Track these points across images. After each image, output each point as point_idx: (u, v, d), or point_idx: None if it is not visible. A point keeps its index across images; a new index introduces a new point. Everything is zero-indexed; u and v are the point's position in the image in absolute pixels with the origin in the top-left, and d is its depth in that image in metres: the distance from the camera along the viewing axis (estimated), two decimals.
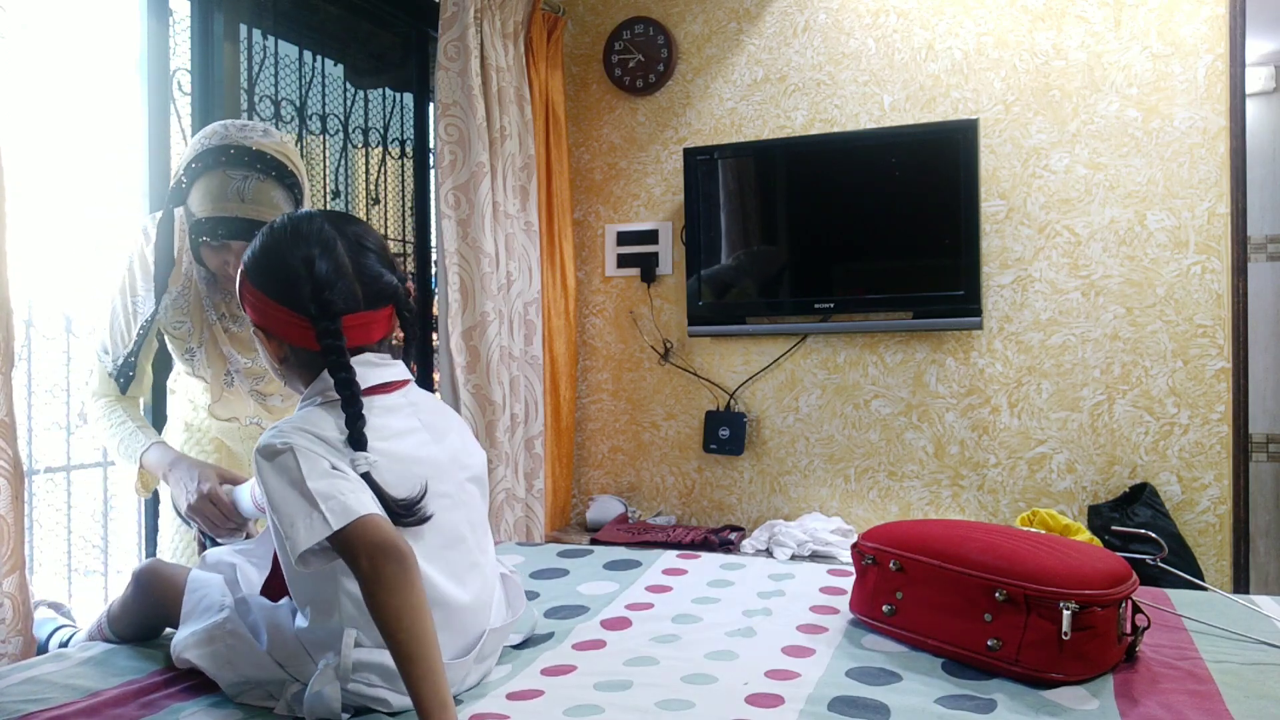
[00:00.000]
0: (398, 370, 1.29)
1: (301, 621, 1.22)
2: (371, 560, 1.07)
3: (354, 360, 1.20)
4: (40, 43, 2.25)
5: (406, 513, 1.17)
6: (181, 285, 1.78)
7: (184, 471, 1.64)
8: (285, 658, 1.22)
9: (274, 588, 1.34)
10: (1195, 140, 2.73)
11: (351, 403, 1.17)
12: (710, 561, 1.91)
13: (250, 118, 2.53)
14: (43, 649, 1.63)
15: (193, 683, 1.28)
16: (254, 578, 1.38)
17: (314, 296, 1.18)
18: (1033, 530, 1.56)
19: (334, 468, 1.14)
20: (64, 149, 2.34)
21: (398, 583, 1.07)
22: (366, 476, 1.15)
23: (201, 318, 1.79)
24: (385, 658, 1.13)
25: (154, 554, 2.06)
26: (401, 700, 1.17)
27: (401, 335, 1.32)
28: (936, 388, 2.99)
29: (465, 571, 1.26)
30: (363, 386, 1.20)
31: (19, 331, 2.27)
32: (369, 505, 1.12)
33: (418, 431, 1.26)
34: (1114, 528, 2.57)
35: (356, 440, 1.15)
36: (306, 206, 1.74)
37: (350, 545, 1.09)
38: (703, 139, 3.27)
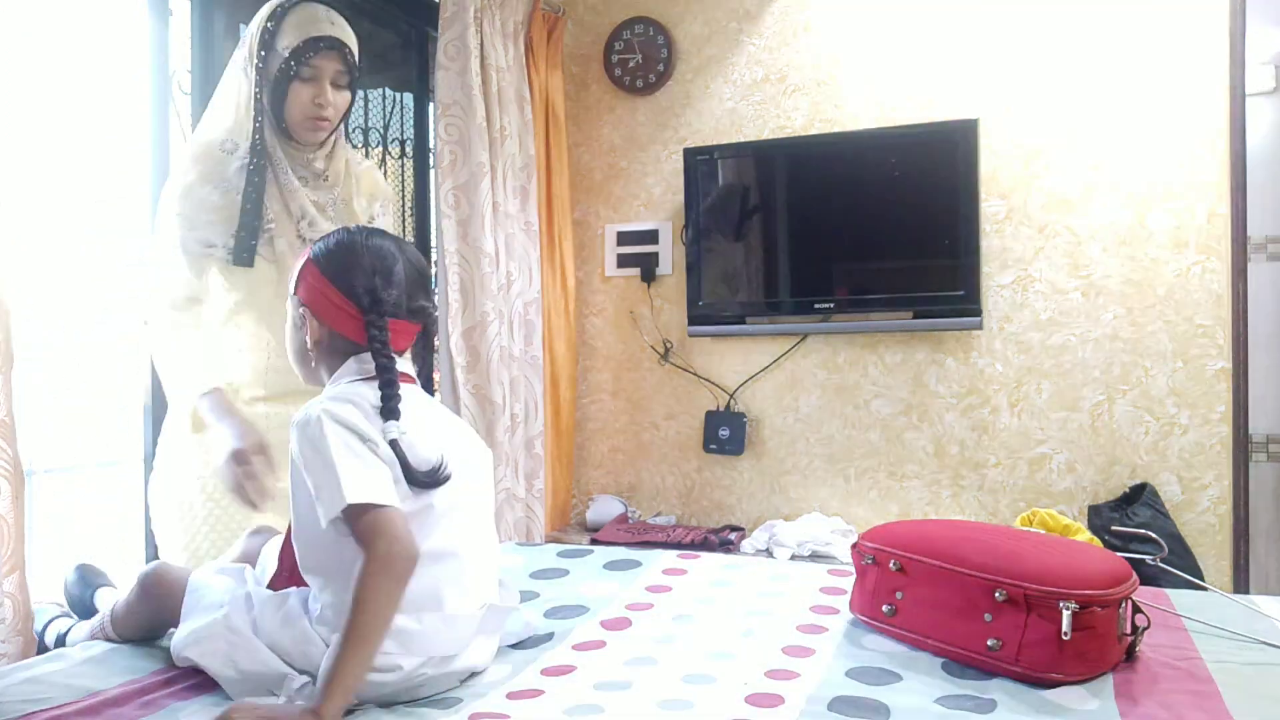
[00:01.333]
0: (409, 367, 1.41)
1: (314, 606, 1.25)
2: (389, 548, 1.14)
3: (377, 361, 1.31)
4: (40, 43, 2.25)
5: (430, 479, 1.24)
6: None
7: (228, 430, 1.68)
8: (292, 647, 1.24)
9: (279, 585, 1.34)
10: (1195, 140, 2.72)
11: (390, 383, 1.27)
12: (710, 561, 1.91)
13: None
14: (40, 641, 1.63)
15: (193, 682, 1.28)
16: (261, 575, 1.40)
17: (371, 292, 1.30)
18: (1033, 530, 1.56)
19: (364, 441, 1.21)
20: (64, 149, 2.34)
21: (397, 575, 1.14)
22: (395, 444, 1.22)
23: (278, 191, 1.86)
24: (400, 620, 1.17)
25: (155, 554, 2.06)
26: (413, 661, 1.20)
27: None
28: (936, 388, 2.99)
29: (474, 538, 1.33)
30: (388, 374, 1.30)
31: (19, 331, 2.27)
32: (391, 497, 1.19)
33: (433, 414, 1.37)
34: (1114, 528, 2.57)
35: (390, 411, 1.25)
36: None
37: (369, 527, 1.15)
38: (703, 139, 3.27)
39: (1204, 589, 1.66)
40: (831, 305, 3.02)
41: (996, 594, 1.29)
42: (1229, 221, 2.69)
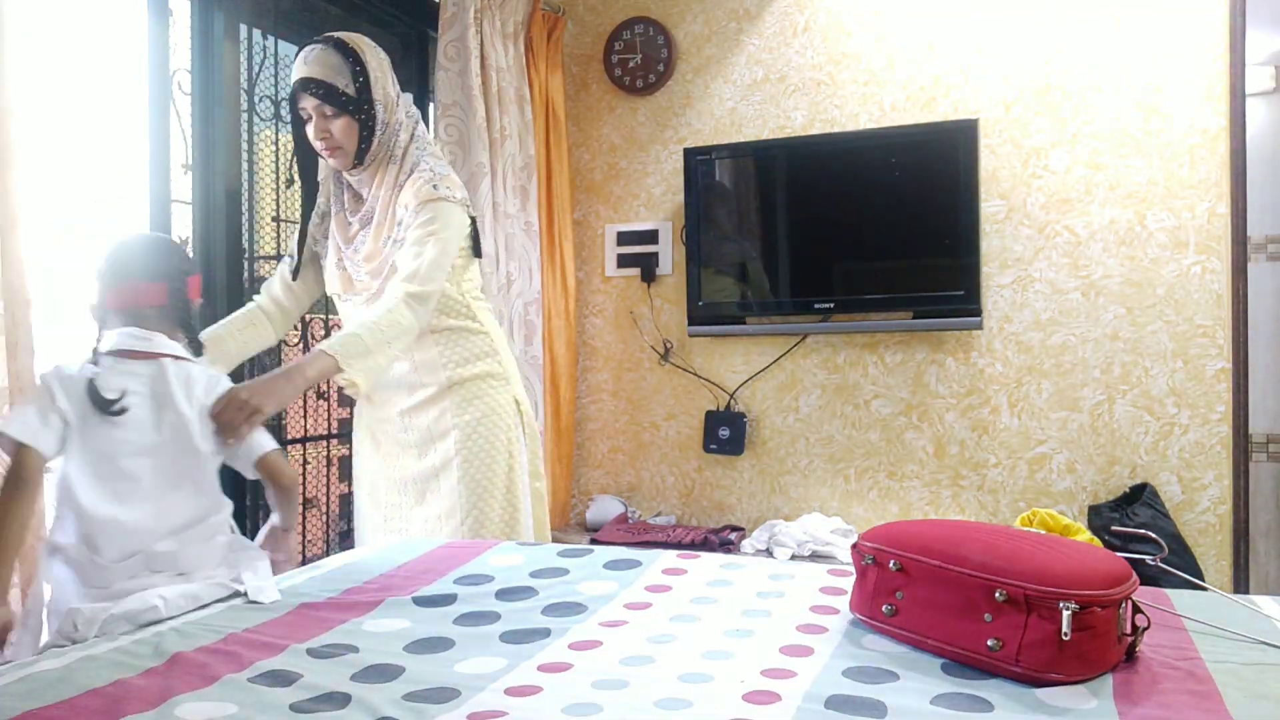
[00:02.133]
0: (155, 345, 1.59)
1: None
2: (10, 470, 1.46)
3: (118, 330, 1.59)
4: (41, 43, 2.25)
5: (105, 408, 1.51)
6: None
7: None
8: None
9: None
10: (1195, 140, 2.73)
11: (98, 337, 1.59)
12: (710, 561, 1.91)
13: (250, 118, 2.53)
14: None
15: (189, 676, 1.28)
16: None
17: (101, 272, 1.65)
18: (1033, 530, 1.56)
19: (53, 394, 1.49)
20: (64, 149, 2.33)
21: (21, 491, 1.46)
22: (89, 382, 1.50)
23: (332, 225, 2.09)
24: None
25: None
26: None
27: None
28: (936, 388, 2.99)
29: (130, 497, 1.51)
30: (116, 347, 1.57)
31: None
32: (29, 437, 1.45)
33: (135, 395, 1.57)
34: (1114, 528, 2.57)
35: (91, 356, 1.57)
36: (382, 87, 1.96)
37: (11, 457, 1.47)
38: (703, 139, 3.27)
39: (1204, 589, 1.66)
40: (831, 305, 3.02)
41: (996, 594, 1.29)
42: (1229, 221, 2.69)
